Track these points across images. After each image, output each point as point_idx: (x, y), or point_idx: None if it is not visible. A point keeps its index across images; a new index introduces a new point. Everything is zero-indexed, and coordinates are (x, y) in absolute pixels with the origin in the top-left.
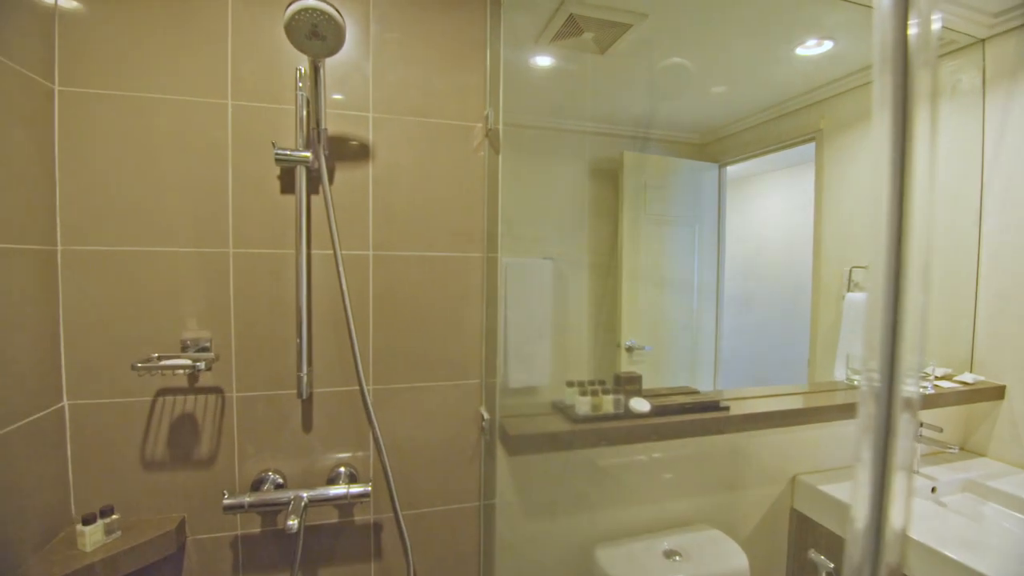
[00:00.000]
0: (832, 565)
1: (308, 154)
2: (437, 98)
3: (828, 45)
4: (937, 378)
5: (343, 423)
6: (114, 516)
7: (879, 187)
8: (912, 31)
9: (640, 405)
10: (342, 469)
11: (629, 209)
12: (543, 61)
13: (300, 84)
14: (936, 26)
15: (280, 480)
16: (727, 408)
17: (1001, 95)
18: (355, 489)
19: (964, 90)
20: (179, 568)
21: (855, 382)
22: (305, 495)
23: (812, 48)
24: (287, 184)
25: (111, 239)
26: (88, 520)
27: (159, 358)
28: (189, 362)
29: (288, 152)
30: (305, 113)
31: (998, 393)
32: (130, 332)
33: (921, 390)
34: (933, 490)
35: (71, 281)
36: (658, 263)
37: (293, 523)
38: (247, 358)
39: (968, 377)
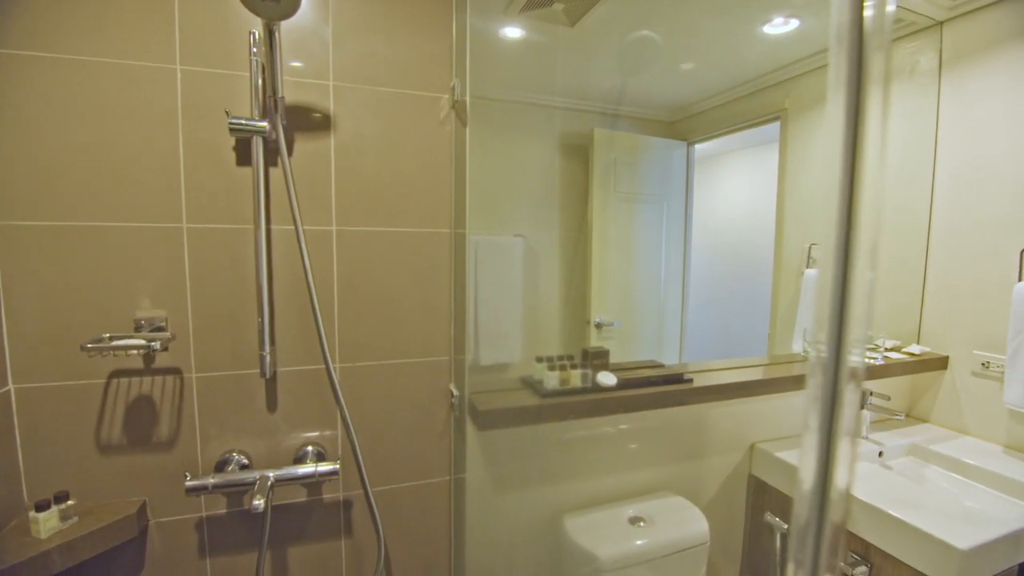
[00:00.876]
0: (786, 526)
1: (265, 124)
2: (401, 67)
3: (794, 24)
4: (887, 350)
5: (309, 402)
6: (70, 502)
7: (831, 167)
8: (868, 13)
9: (607, 379)
10: (310, 448)
11: (599, 186)
12: (512, 32)
13: (254, 49)
14: (891, 8)
15: (245, 461)
16: (691, 380)
17: (956, 77)
18: (323, 467)
19: (922, 71)
20: (142, 552)
21: (807, 353)
22: (271, 475)
23: (779, 27)
24: (243, 156)
25: (54, 214)
26: (41, 506)
27: (111, 338)
28: (143, 342)
29: (243, 121)
30: (260, 80)
31: (942, 364)
32: (79, 312)
33: (866, 361)
34: (880, 454)
35: (11, 259)
36: (627, 240)
37: (259, 503)
38: (206, 337)
39: (915, 349)
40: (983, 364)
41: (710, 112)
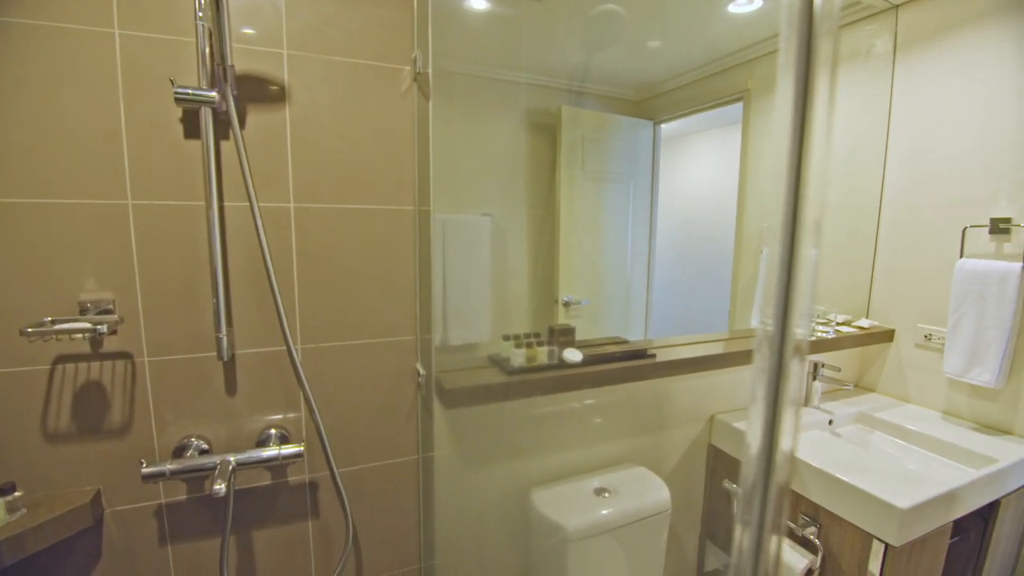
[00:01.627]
0: (742, 491)
1: (214, 94)
2: (360, 37)
3: (758, 3)
4: (838, 324)
5: (270, 384)
6: (17, 493)
7: (779, 150)
8: (818, 1)
9: (573, 355)
10: (273, 431)
11: (566, 165)
12: (476, 2)
13: (200, 13)
14: None
15: (205, 446)
16: (654, 356)
17: (909, 61)
18: (287, 450)
19: (878, 54)
20: (98, 542)
21: (767, 327)
22: (232, 459)
23: (743, 6)
24: (191, 128)
25: None
26: None
27: (53, 322)
28: (88, 325)
29: (190, 91)
30: (208, 48)
31: (888, 336)
32: (18, 296)
33: (817, 335)
34: (830, 422)
35: None
36: (594, 220)
37: (220, 487)
38: (158, 320)
39: (864, 323)
40: (926, 336)
41: (676, 92)
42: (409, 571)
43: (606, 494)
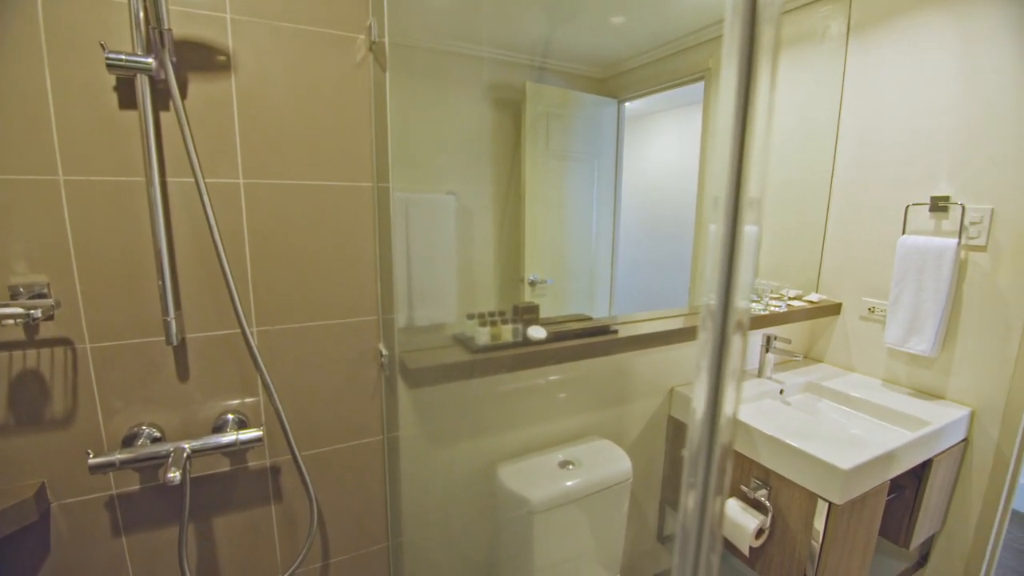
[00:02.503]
0: (688, 455)
1: (150, 60)
2: (309, 1)
3: None
4: (790, 299)
5: (226, 369)
6: None
7: (724, 131)
8: None
9: (537, 333)
10: (230, 416)
11: (531, 143)
12: None
13: None
14: None
15: (157, 434)
16: (616, 331)
17: (861, 42)
18: (245, 435)
19: (832, 35)
20: (46, 536)
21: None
22: (187, 446)
23: None
24: (127, 98)
25: None
26: None
27: None
28: (21, 311)
29: (123, 57)
30: (142, 10)
31: (836, 310)
32: None
33: (763, 310)
34: (781, 392)
35: None
36: (559, 198)
37: (174, 475)
38: (99, 304)
39: (814, 297)
40: (869, 309)
41: (639, 70)
42: (377, 549)
43: (570, 466)
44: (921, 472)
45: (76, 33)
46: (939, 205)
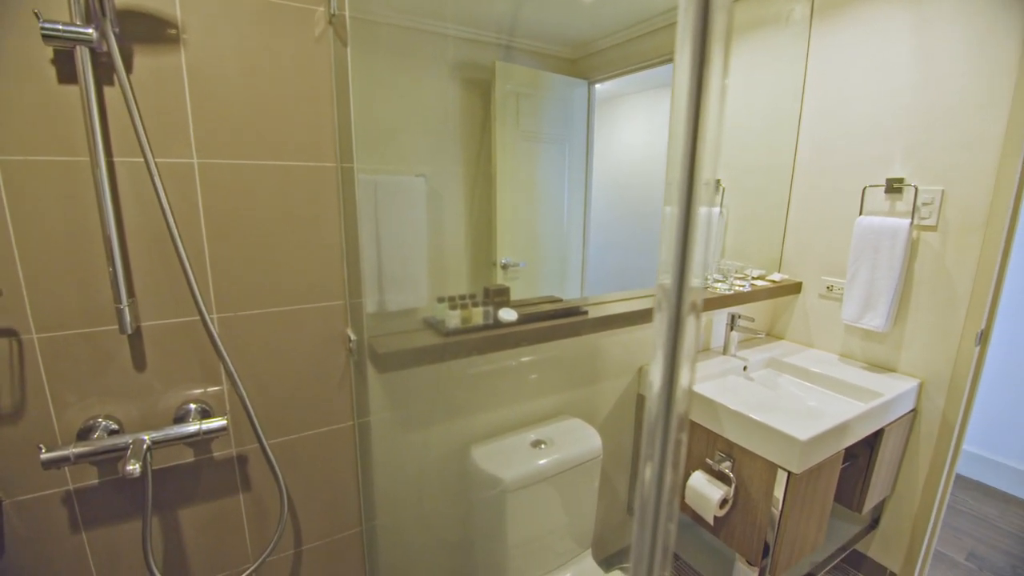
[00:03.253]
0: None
1: (90, 31)
2: None
3: None
4: (754, 278)
5: (186, 357)
6: None
7: (678, 113)
8: None
9: (508, 315)
10: (192, 406)
11: (502, 125)
12: None
13: None
14: None
15: (114, 426)
16: (586, 312)
17: (824, 27)
18: (209, 425)
19: (796, 19)
20: (0, 535)
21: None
22: (147, 437)
23: None
24: (67, 71)
25: None
26: None
27: None
28: None
29: (60, 27)
30: None
31: (796, 288)
32: None
33: (728, 290)
34: (745, 368)
35: None
36: (531, 180)
37: (134, 467)
38: (45, 292)
39: (777, 276)
40: (828, 288)
41: (609, 51)
42: (350, 534)
43: (542, 445)
44: (873, 441)
45: (5, 2)
46: (894, 187)
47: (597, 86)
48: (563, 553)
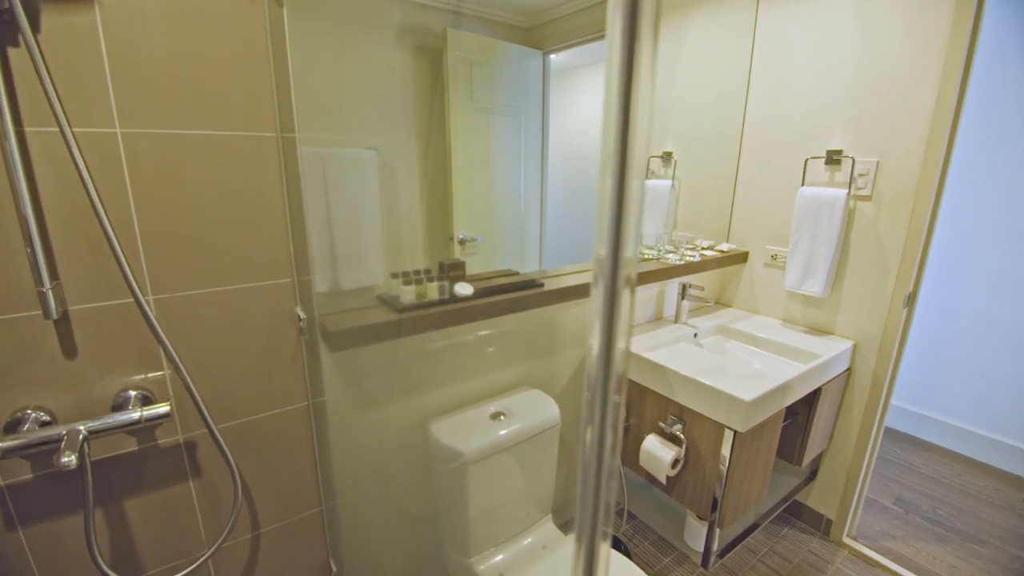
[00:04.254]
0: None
1: None
2: None
3: None
4: (704, 249)
5: (121, 342)
6: None
7: (610, 91)
8: None
9: (464, 289)
10: (131, 393)
11: (455, 96)
12: None
13: None
14: None
15: (46, 417)
16: (542, 285)
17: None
18: (151, 411)
19: None
20: None
21: (645, 255)
22: (82, 427)
23: None
24: None
25: None
26: None
27: None
28: None
29: None
30: None
31: (743, 258)
32: None
33: (668, 261)
34: (695, 335)
35: None
36: (487, 153)
37: (69, 459)
38: None
39: (725, 246)
40: (772, 256)
41: (563, 20)
42: (310, 515)
43: (502, 417)
44: (812, 399)
45: None
46: (833, 158)
47: (552, 56)
48: (524, 519)
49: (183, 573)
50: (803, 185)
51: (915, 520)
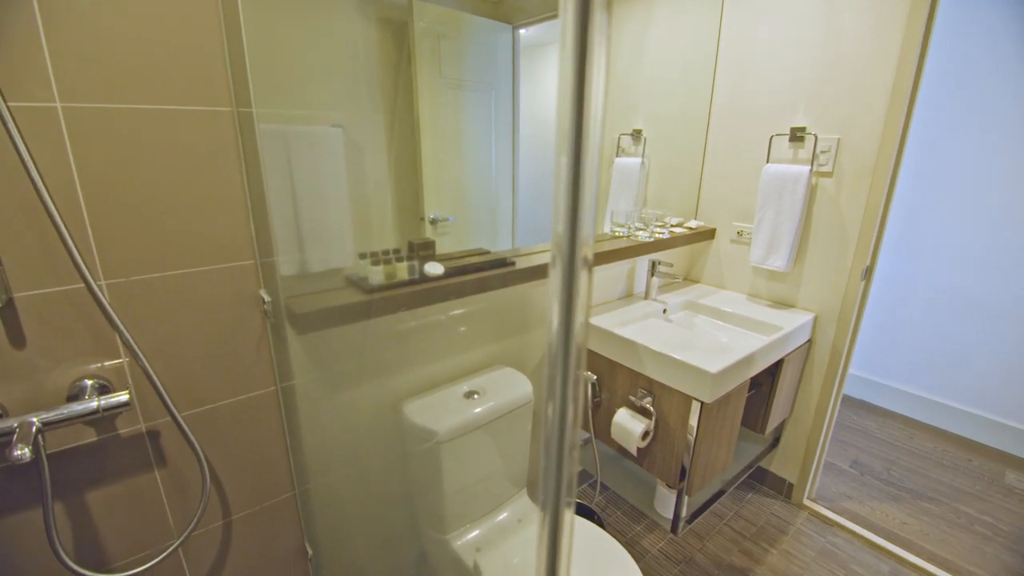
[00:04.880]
0: (595, 377)
1: None
2: None
3: None
4: (673, 226)
5: (74, 329)
6: None
7: (565, 70)
8: None
9: (434, 269)
10: (88, 382)
11: (423, 71)
12: None
13: None
14: None
15: None
16: (513, 263)
17: None
18: (108, 400)
19: None
20: None
21: (616, 232)
22: (35, 419)
23: None
24: None
25: None
26: None
27: None
28: None
29: None
30: None
31: (711, 235)
32: None
33: (638, 238)
34: (664, 311)
35: None
36: (457, 131)
37: (22, 452)
38: None
39: (693, 223)
40: (738, 233)
41: None
42: (283, 500)
43: (475, 396)
44: (775, 370)
45: None
46: (797, 136)
47: (522, 32)
48: (499, 494)
49: (152, 563)
50: (768, 162)
51: (870, 481)
